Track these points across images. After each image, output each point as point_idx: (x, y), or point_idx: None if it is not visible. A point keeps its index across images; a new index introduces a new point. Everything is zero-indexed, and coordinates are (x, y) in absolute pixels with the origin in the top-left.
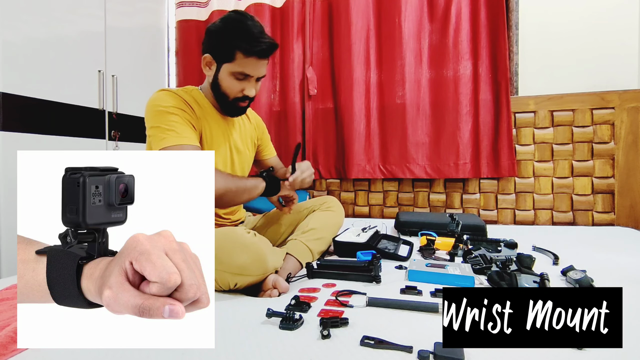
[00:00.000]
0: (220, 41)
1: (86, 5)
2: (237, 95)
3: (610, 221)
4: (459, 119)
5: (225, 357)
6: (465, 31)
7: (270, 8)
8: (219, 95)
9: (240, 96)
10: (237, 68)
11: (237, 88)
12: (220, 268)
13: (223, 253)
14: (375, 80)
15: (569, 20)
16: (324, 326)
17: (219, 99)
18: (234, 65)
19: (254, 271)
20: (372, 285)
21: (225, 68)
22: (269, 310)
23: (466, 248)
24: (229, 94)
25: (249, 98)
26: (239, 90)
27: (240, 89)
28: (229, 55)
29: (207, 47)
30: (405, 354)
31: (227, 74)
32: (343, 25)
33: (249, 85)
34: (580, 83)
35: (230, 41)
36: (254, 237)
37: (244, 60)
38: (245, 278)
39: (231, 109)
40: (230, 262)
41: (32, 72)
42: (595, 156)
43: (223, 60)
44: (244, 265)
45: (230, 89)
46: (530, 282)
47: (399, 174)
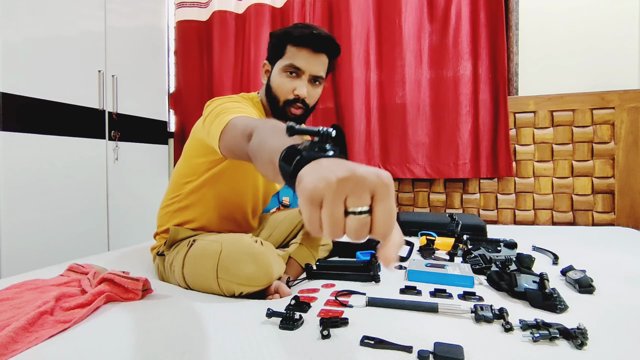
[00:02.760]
0: (274, 40)
1: (86, 5)
2: (288, 97)
3: (610, 221)
4: (458, 119)
5: (225, 357)
6: (465, 31)
7: (270, 8)
8: (271, 100)
9: (291, 98)
10: (286, 61)
11: (288, 87)
12: (227, 278)
13: (231, 263)
14: (375, 80)
15: (569, 21)
16: (324, 326)
17: (271, 105)
18: (284, 59)
19: (260, 282)
20: (372, 285)
21: (277, 66)
22: (269, 310)
23: (466, 248)
24: (279, 94)
25: (303, 103)
26: (289, 90)
27: (291, 87)
28: (280, 51)
29: (268, 55)
30: (405, 354)
31: (278, 72)
32: (343, 26)
33: (301, 84)
34: (580, 83)
35: (282, 37)
36: (261, 246)
37: (295, 52)
38: (251, 288)
39: (282, 116)
40: (237, 272)
41: (32, 72)
42: (595, 156)
43: (276, 59)
44: (252, 276)
45: (280, 88)
46: (530, 282)
47: (399, 174)
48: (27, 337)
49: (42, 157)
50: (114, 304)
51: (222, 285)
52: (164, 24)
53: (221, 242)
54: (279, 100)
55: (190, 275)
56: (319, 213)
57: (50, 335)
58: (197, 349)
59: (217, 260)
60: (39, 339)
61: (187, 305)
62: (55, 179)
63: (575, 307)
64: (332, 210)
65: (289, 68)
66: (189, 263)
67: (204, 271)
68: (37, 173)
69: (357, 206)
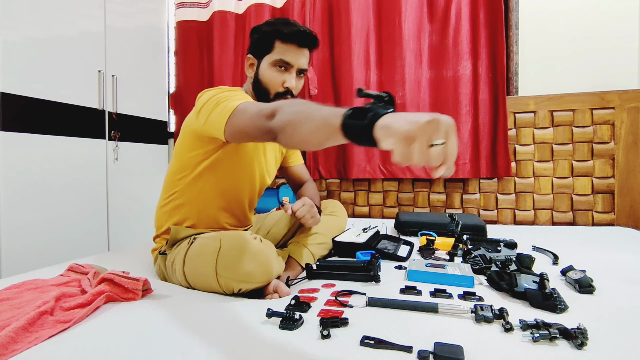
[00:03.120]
0: (260, 36)
1: (86, 5)
2: (279, 90)
3: (610, 221)
4: (458, 119)
5: (225, 357)
6: (465, 31)
7: (270, 8)
8: (260, 92)
9: (282, 91)
10: (276, 56)
11: (278, 79)
12: (225, 275)
13: (231, 259)
14: (375, 80)
15: (569, 20)
16: (324, 326)
17: (260, 97)
18: (273, 55)
19: (259, 278)
20: (372, 285)
21: (265, 61)
22: (269, 310)
23: (466, 248)
24: (270, 87)
25: (292, 94)
26: (280, 82)
27: (282, 80)
28: (268, 47)
29: (250, 49)
30: (405, 354)
31: (267, 66)
32: (343, 26)
33: (290, 77)
34: (580, 83)
35: (269, 33)
36: (260, 243)
37: (283, 47)
38: (250, 284)
39: None
40: (237, 269)
41: (32, 72)
42: (595, 156)
43: (263, 54)
44: (251, 273)
45: (271, 82)
46: (530, 282)
47: (399, 174)
48: (27, 337)
49: (42, 157)
50: (114, 304)
51: (221, 282)
52: (164, 24)
53: (220, 238)
54: (269, 92)
55: (191, 274)
56: (409, 148)
57: (50, 335)
58: (197, 349)
59: (216, 257)
60: (38, 339)
61: (187, 305)
62: (55, 179)
63: (575, 307)
64: (423, 144)
65: (279, 63)
66: (189, 261)
67: (203, 268)
68: (37, 173)
69: (438, 140)
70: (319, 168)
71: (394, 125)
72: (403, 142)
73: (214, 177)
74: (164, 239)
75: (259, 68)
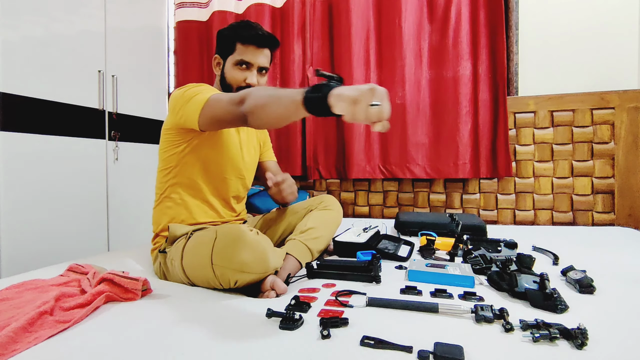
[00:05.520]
0: (224, 38)
1: (86, 5)
2: (240, 85)
3: (610, 221)
4: (458, 119)
5: (225, 357)
6: (465, 31)
7: (270, 8)
8: (225, 88)
9: (244, 85)
10: (237, 57)
11: (240, 77)
12: (221, 264)
13: (226, 248)
14: (375, 80)
15: (569, 20)
16: (324, 326)
17: (226, 92)
18: (234, 55)
19: (255, 269)
20: (372, 286)
21: (229, 60)
22: (269, 310)
23: (466, 248)
24: (233, 83)
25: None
26: (241, 79)
27: (243, 77)
28: (230, 48)
29: (217, 49)
30: (405, 354)
31: (231, 65)
32: (343, 26)
33: (251, 75)
34: (580, 83)
35: (231, 36)
36: (256, 235)
37: (243, 49)
38: (246, 276)
39: None
40: (232, 258)
41: (32, 72)
42: (595, 156)
43: (227, 55)
44: (246, 262)
45: (233, 79)
46: (530, 282)
47: (399, 174)
48: (26, 337)
49: (42, 157)
50: (113, 304)
51: (217, 272)
52: (164, 24)
53: (216, 230)
54: (232, 88)
55: (189, 266)
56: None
57: (49, 335)
58: (197, 349)
59: (212, 247)
60: (38, 339)
61: (187, 305)
62: (55, 179)
63: (576, 307)
64: (366, 104)
65: (241, 62)
66: (187, 254)
67: (200, 259)
68: (37, 173)
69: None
70: (319, 168)
71: (344, 92)
72: (351, 104)
73: (198, 162)
74: (163, 237)
75: (224, 67)
